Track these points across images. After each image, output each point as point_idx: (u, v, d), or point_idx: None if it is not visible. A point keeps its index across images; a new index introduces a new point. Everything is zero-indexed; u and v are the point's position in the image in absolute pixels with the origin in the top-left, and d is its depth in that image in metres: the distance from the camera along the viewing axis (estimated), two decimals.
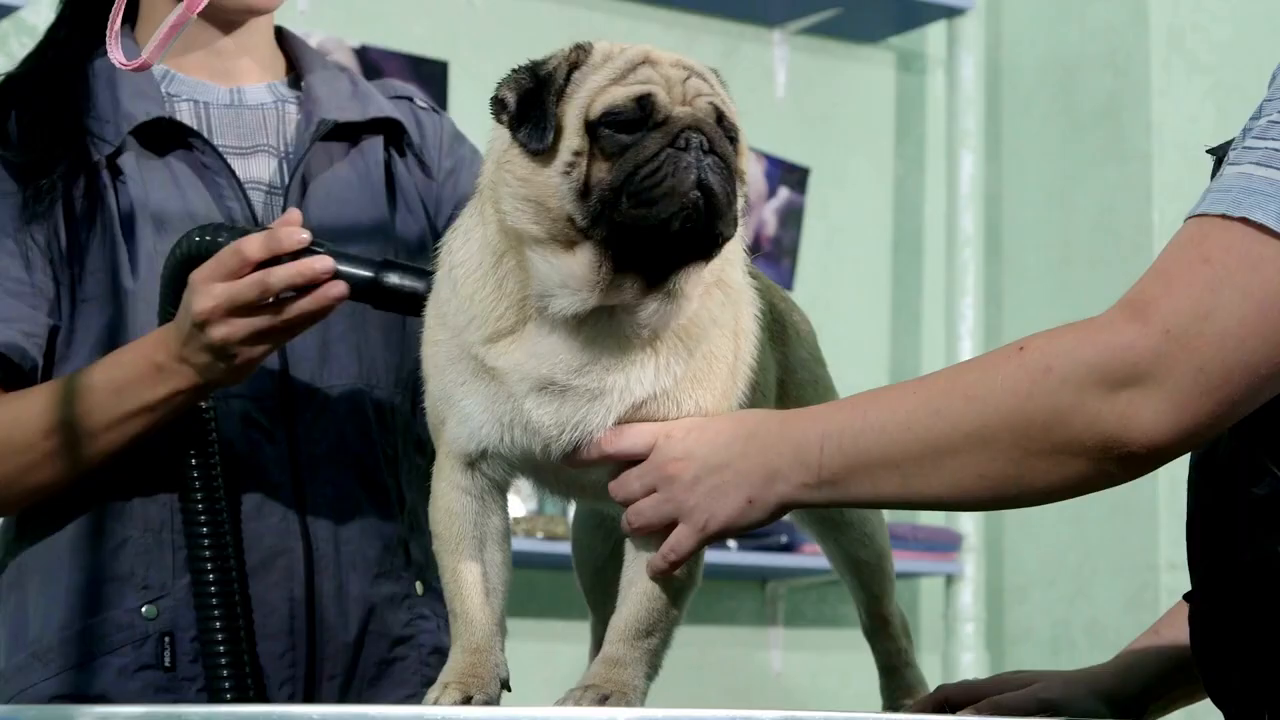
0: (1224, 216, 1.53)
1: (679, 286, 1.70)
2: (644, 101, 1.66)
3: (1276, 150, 1.54)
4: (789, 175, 5.21)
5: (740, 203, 1.72)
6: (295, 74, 2.35)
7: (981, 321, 5.40)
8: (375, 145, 2.32)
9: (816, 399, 2.02)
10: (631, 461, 1.74)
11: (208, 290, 1.98)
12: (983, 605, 5.31)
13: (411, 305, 2.00)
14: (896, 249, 5.52)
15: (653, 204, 1.63)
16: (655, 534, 1.74)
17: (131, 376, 2.07)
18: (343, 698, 2.19)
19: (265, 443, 2.19)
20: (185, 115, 2.26)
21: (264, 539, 2.18)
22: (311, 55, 2.38)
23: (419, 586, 2.27)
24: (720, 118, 1.69)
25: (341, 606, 2.20)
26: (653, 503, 1.73)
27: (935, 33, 5.54)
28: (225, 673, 2.09)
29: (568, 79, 1.69)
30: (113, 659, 2.15)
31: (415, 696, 2.18)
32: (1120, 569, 5.05)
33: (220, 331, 1.98)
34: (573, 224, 1.67)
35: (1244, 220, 1.52)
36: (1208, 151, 1.74)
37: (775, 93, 5.29)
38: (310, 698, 2.17)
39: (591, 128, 1.66)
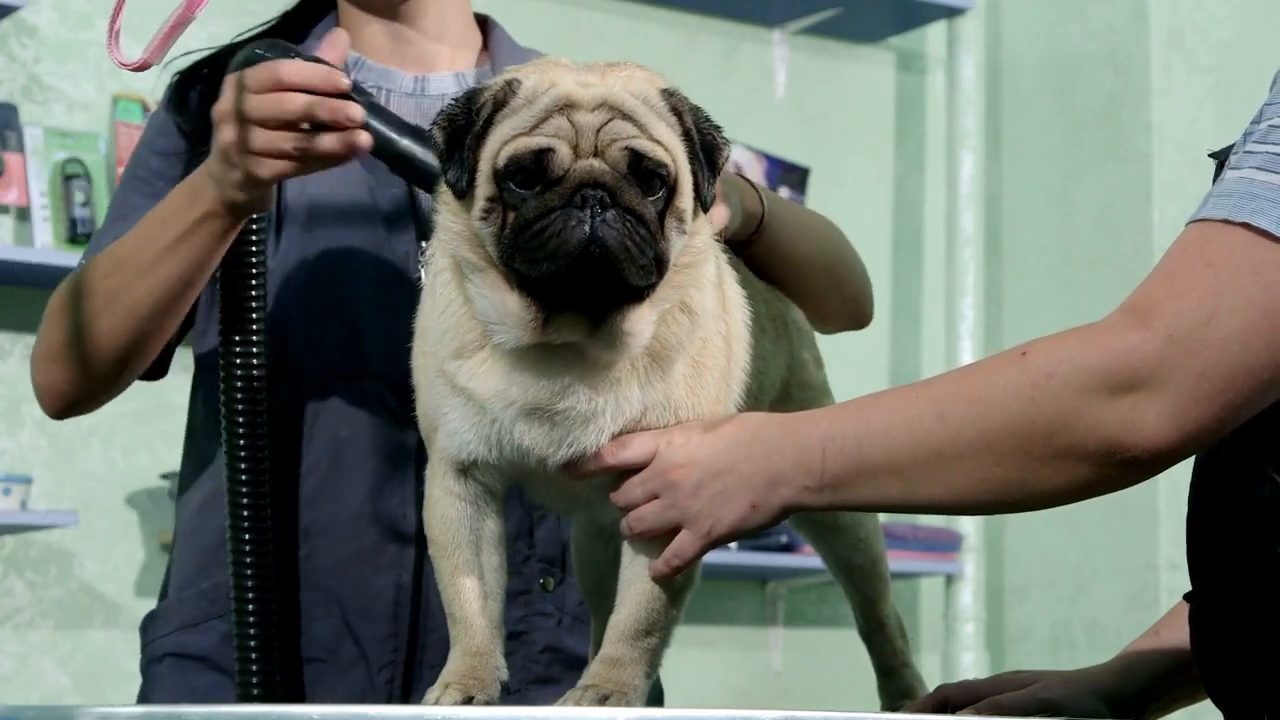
0: (1226, 221, 1.53)
1: (619, 326, 1.69)
2: (542, 157, 1.65)
3: (1277, 155, 1.54)
4: (789, 175, 5.21)
5: (679, 232, 1.70)
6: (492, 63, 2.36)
7: (981, 322, 5.41)
8: None
9: (814, 402, 2.03)
10: (632, 469, 1.74)
11: (233, 95, 1.97)
12: (983, 605, 5.32)
13: (422, 180, 2.00)
14: (896, 249, 5.53)
15: (538, 262, 1.64)
16: (657, 539, 1.74)
17: (174, 205, 2.06)
18: None
19: (394, 427, 2.17)
20: None
21: (378, 523, 2.17)
22: (503, 43, 2.37)
23: (548, 582, 2.24)
24: (638, 163, 1.67)
25: None
26: (655, 509, 1.72)
27: (935, 33, 5.55)
28: (254, 657, 2.06)
29: (490, 120, 1.70)
30: (219, 623, 2.16)
31: (518, 693, 2.14)
32: (1120, 569, 5.06)
33: (226, 134, 1.96)
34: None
35: (1245, 225, 1.52)
36: (1209, 155, 1.74)
37: (775, 93, 5.29)
38: (408, 684, 2.16)
39: (499, 178, 1.67)
